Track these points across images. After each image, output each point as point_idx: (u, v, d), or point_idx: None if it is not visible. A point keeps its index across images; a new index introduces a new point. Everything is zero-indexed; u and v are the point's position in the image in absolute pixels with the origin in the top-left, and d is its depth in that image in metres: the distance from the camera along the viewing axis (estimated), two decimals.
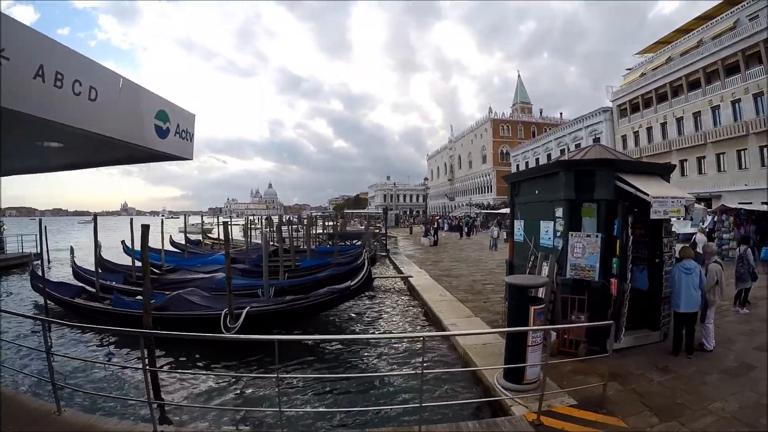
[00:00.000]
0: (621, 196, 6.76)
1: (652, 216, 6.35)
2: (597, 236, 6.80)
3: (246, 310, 9.62)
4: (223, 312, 9.52)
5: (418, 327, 10.75)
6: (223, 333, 9.14)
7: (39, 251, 14.84)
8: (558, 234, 7.32)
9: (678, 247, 7.63)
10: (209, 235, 35.69)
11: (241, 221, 48.17)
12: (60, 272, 18.82)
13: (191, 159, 6.24)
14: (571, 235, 6.98)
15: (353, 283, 10.69)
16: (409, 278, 15.80)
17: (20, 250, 18.17)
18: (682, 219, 7.53)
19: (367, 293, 15.18)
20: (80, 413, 5.24)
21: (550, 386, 5.48)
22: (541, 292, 6.76)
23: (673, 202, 6.42)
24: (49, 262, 22.62)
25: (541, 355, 5.55)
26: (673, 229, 7.81)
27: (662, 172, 7.77)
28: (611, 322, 5.16)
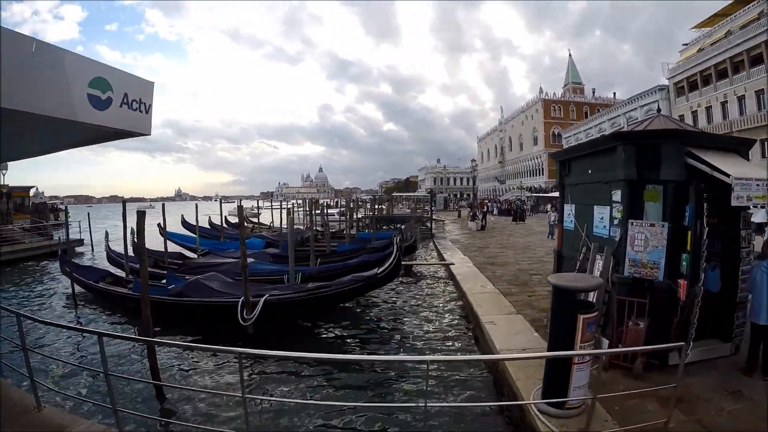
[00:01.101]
0: (693, 176, 5.47)
1: (734, 202, 4.95)
2: (663, 226, 5.52)
3: (263, 298, 9.10)
4: (240, 300, 8.97)
5: (455, 322, 9.86)
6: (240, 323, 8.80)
7: (78, 237, 15.15)
8: (615, 222, 6.06)
9: (758, 241, 6.19)
10: (252, 219, 35.88)
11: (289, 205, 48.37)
12: (103, 256, 19.06)
13: (148, 134, 5.47)
14: (631, 223, 5.71)
15: (380, 270, 9.90)
16: (451, 266, 14.82)
17: (65, 237, 18.50)
18: (760, 207, 6.12)
19: (406, 280, 14.54)
20: (59, 411, 4.86)
21: (599, 413, 4.40)
22: (592, 296, 5.62)
23: (758, 185, 5.05)
24: (92, 248, 23.35)
25: (590, 368, 4.49)
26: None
27: (740, 147, 6.26)
28: (681, 344, 4.01)
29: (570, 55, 79.80)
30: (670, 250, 5.47)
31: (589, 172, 6.90)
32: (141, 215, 7.00)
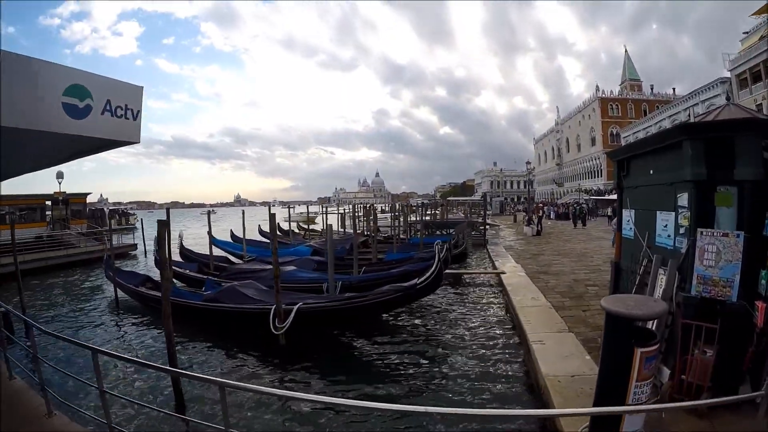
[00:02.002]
0: None
1: None
2: (738, 236, 4.56)
3: (296, 307, 8.78)
4: (273, 309, 8.66)
5: (501, 338, 9.13)
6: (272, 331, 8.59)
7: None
8: (681, 230, 5.13)
9: None
10: (303, 225, 36.11)
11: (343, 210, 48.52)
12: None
13: (136, 141, 5.11)
14: (700, 233, 4.76)
15: (420, 281, 9.30)
16: (501, 274, 13.97)
17: (120, 241, 19.23)
18: None
19: (454, 289, 13.93)
20: (67, 419, 4.68)
21: None
22: (654, 323, 4.75)
23: None
24: (145, 252, 24.06)
25: (649, 398, 3.69)
26: None
27: None
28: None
29: (626, 51, 76.67)
30: (747, 266, 4.51)
31: (651, 172, 5.98)
32: (162, 225, 6.79)
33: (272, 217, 9.59)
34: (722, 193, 4.75)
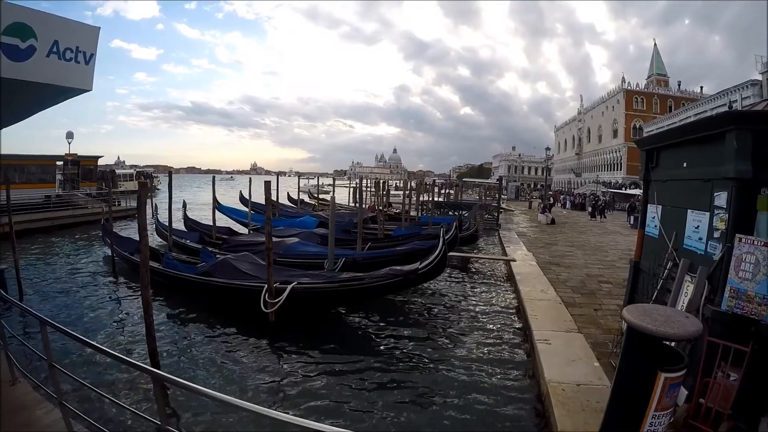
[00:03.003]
0: None
1: None
2: None
3: (290, 286, 8.32)
4: (265, 287, 8.22)
5: (505, 331, 8.65)
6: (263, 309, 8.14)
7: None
8: (715, 234, 4.51)
9: None
10: (313, 194, 35.86)
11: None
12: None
13: (88, 89, 4.58)
14: (738, 239, 4.12)
15: (421, 266, 8.80)
16: (511, 262, 13.41)
17: (128, 204, 19.38)
18: None
19: (460, 274, 13.47)
20: (30, 389, 4.50)
21: None
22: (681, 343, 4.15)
23: None
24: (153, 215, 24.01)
25: (666, 430, 3.16)
26: None
27: None
28: None
29: (655, 44, 75.09)
30: None
31: (684, 165, 5.32)
32: (142, 188, 6.41)
33: (267, 184, 9.07)
34: (766, 196, 4.13)
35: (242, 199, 23.79)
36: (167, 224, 14.48)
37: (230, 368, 6.87)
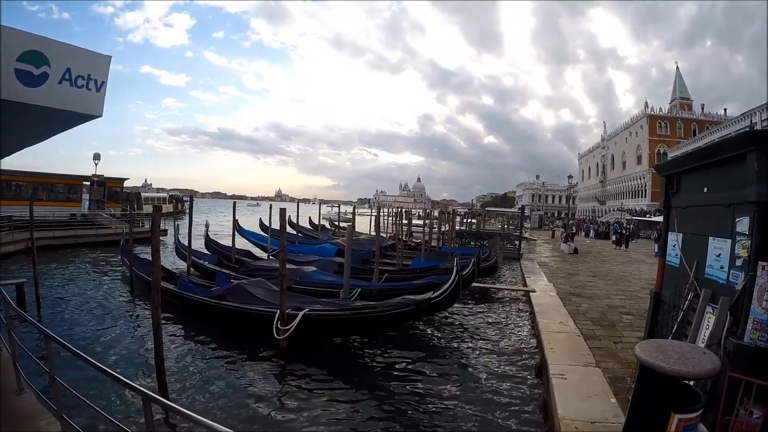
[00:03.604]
0: None
1: None
2: None
3: (302, 312, 8.26)
4: (277, 313, 8.14)
5: (519, 365, 8.29)
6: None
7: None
8: (738, 262, 4.21)
9: None
10: (334, 222, 36.02)
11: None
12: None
13: (99, 115, 4.61)
14: (762, 267, 3.81)
15: (434, 295, 8.63)
16: (531, 293, 13.05)
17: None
18: None
19: (480, 304, 13.24)
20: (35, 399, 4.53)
21: None
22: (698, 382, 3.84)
23: None
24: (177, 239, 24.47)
25: None
26: None
27: None
28: None
29: (677, 68, 74.77)
30: None
31: (705, 190, 5.06)
32: (156, 210, 6.41)
33: (282, 212, 9.08)
34: None
35: (262, 226, 23.97)
36: (185, 245, 14.68)
37: (237, 394, 6.77)
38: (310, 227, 29.19)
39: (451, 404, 6.74)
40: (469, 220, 41.21)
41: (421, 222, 31.54)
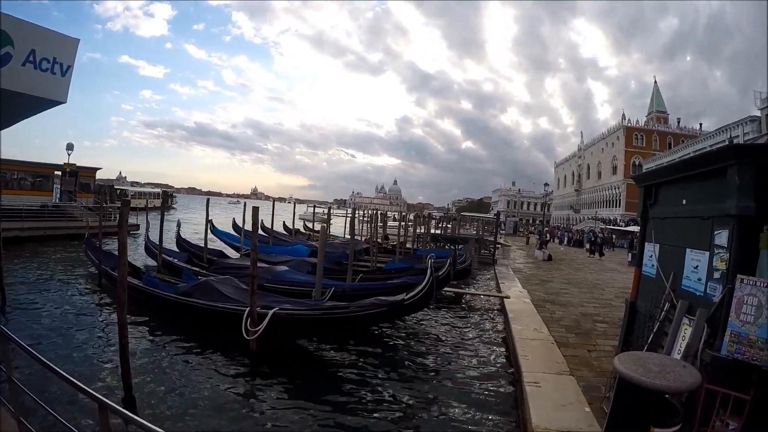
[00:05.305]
0: None
1: None
2: None
3: (271, 312, 7.96)
4: (246, 311, 7.92)
5: (493, 372, 8.30)
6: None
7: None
8: (715, 275, 4.23)
9: None
10: (308, 224, 35.73)
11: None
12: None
13: (63, 101, 4.38)
14: (741, 280, 3.85)
15: (407, 297, 8.51)
16: (505, 299, 13.05)
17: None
18: None
19: (452, 308, 13.17)
20: None
21: None
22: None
23: None
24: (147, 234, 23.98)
25: None
26: None
27: None
28: None
29: (655, 82, 77.75)
30: None
31: (684, 202, 5.09)
32: (124, 205, 6.18)
33: (255, 210, 8.92)
34: None
35: (235, 227, 23.64)
36: (155, 243, 14.34)
37: (205, 399, 6.50)
38: (284, 232, 28.74)
39: (422, 410, 6.67)
40: (444, 224, 41.40)
41: (396, 224, 31.57)
